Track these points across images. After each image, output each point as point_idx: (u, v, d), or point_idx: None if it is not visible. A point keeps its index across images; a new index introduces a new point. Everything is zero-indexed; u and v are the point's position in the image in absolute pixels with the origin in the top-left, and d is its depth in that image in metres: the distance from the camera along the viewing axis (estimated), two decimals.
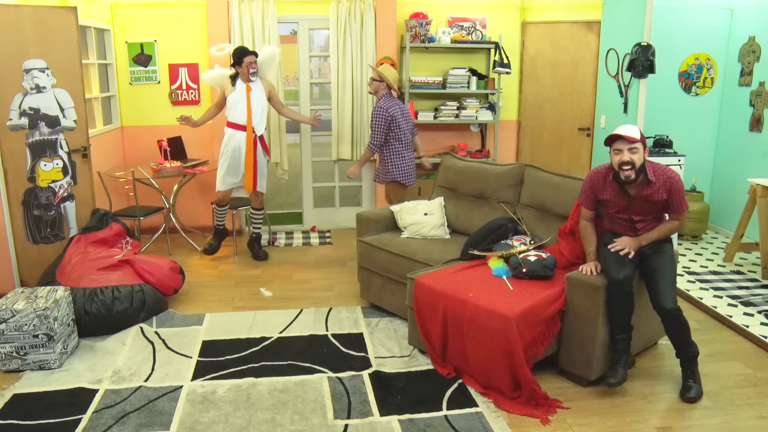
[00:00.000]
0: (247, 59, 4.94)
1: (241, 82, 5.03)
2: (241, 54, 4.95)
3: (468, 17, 6.18)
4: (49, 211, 4.48)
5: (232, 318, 4.14)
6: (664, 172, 3.15)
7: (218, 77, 5.23)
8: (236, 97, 5.01)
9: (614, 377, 3.07)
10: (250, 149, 5.06)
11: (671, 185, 3.13)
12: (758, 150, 5.73)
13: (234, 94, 5.02)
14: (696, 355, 3.18)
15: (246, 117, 5.01)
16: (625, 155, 3.06)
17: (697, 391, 3.11)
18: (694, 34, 6.06)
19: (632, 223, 3.27)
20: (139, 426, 2.87)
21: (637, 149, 3.06)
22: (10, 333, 3.34)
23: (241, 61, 4.95)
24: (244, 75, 5.00)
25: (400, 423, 2.89)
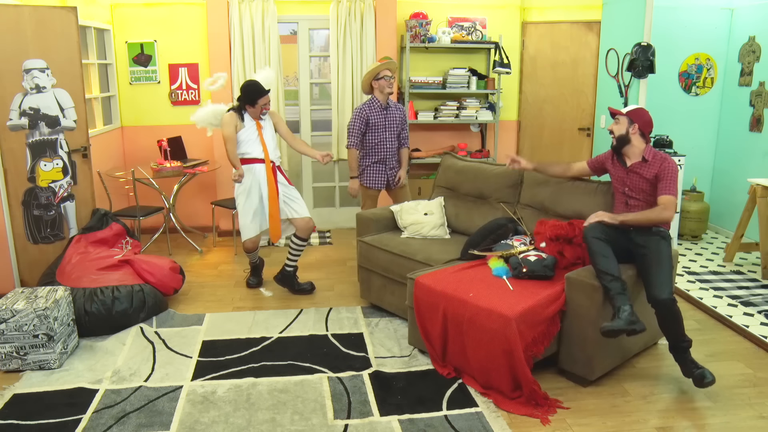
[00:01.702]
0: (262, 100, 4.34)
1: (250, 118, 4.42)
2: (255, 93, 4.32)
3: (468, 17, 6.18)
4: (49, 211, 4.48)
5: (232, 318, 4.14)
6: (661, 155, 3.31)
7: (213, 115, 4.67)
8: (246, 135, 4.39)
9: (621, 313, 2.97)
10: (272, 189, 4.40)
11: (662, 165, 3.27)
12: (758, 150, 5.73)
13: (244, 131, 4.38)
14: (689, 344, 3.17)
15: (262, 151, 4.40)
16: (611, 125, 3.44)
17: (710, 374, 3.07)
18: (694, 34, 6.06)
19: (626, 198, 3.42)
20: (139, 426, 2.87)
21: (618, 120, 3.38)
22: (10, 333, 3.34)
23: (256, 102, 4.33)
24: (255, 114, 4.40)
25: (400, 423, 2.89)
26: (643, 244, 3.21)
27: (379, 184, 4.90)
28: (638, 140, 3.35)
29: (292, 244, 4.60)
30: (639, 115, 3.35)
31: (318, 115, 6.69)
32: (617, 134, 3.38)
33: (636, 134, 3.34)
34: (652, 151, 3.34)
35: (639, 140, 3.35)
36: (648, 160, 3.32)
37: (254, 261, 4.75)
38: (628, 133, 3.34)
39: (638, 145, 3.35)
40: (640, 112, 3.36)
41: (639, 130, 3.33)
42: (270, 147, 4.44)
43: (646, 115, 3.37)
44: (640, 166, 3.35)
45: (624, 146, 3.38)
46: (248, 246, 4.54)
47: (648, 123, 3.36)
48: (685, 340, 3.16)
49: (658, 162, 3.30)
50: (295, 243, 4.59)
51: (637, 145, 3.35)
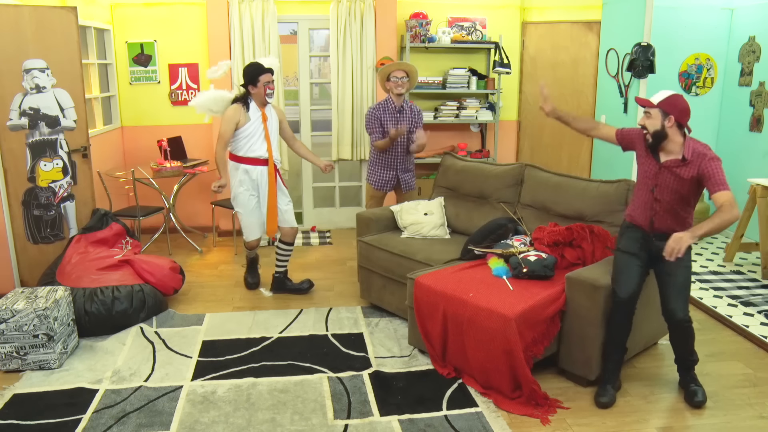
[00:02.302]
0: (263, 77, 4.10)
1: (256, 109, 4.18)
2: (255, 71, 4.10)
3: (468, 17, 6.18)
4: (49, 211, 4.48)
5: (232, 318, 4.14)
6: (700, 152, 2.88)
7: (213, 101, 4.32)
8: (252, 129, 4.15)
9: (605, 396, 3.06)
10: (272, 186, 4.30)
11: (703, 163, 2.83)
12: (758, 150, 5.73)
13: (249, 125, 4.14)
14: (695, 362, 3.16)
15: (266, 149, 4.23)
16: (642, 118, 2.99)
17: (703, 394, 3.09)
18: (694, 34, 6.06)
19: (652, 196, 3.02)
20: (139, 426, 2.87)
21: (650, 114, 2.93)
22: (10, 333, 3.34)
23: (257, 80, 4.09)
24: (259, 98, 4.17)
25: (400, 423, 2.89)
26: (669, 272, 3.00)
27: (387, 187, 4.86)
28: (676, 133, 2.90)
29: (279, 250, 4.57)
30: (673, 104, 2.89)
31: (318, 115, 6.69)
32: (651, 130, 2.93)
33: (673, 127, 2.89)
34: (691, 147, 2.89)
35: (677, 133, 2.90)
36: (688, 159, 2.87)
37: (252, 256, 4.71)
38: (664, 128, 2.89)
39: (676, 139, 2.90)
40: (673, 100, 2.90)
41: (676, 122, 2.88)
42: (274, 145, 4.30)
43: (681, 101, 2.90)
44: (676, 164, 2.92)
45: (661, 142, 2.94)
46: (252, 244, 4.55)
47: (685, 111, 2.90)
48: (693, 357, 3.14)
49: (698, 160, 2.86)
50: (282, 248, 4.56)
51: (675, 139, 2.90)
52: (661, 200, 3.00)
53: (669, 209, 2.99)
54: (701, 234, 2.74)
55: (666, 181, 2.97)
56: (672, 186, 2.95)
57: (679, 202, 2.97)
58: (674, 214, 3.00)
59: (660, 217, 3.03)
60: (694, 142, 2.92)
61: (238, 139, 4.19)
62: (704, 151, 2.88)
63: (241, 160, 4.25)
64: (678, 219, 3.01)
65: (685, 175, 2.90)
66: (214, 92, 4.40)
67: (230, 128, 4.13)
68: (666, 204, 2.99)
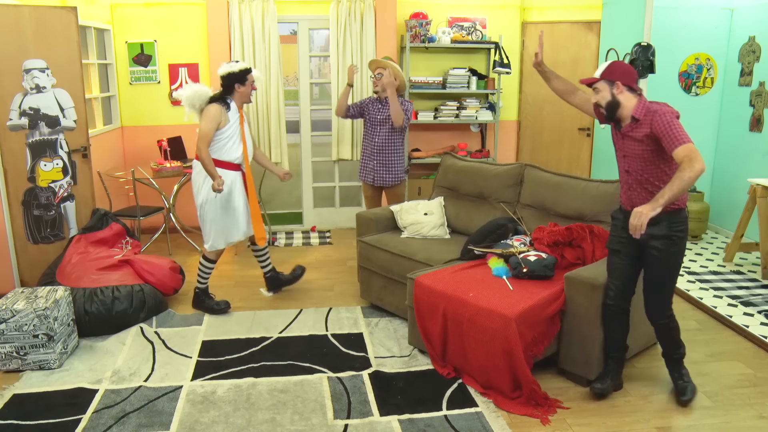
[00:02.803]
0: (251, 75, 4.04)
1: (236, 110, 4.04)
2: (245, 70, 4.02)
3: (468, 17, 6.18)
4: (49, 211, 4.48)
5: (232, 318, 4.14)
6: (651, 109, 2.77)
7: (197, 96, 4.04)
8: (231, 131, 4.00)
9: (601, 383, 3.09)
10: (252, 191, 4.18)
11: (654, 120, 2.72)
12: (758, 150, 5.72)
13: (229, 126, 3.98)
14: (683, 356, 3.14)
15: (242, 155, 4.08)
16: (592, 97, 2.93)
17: (692, 389, 3.09)
18: (694, 34, 6.06)
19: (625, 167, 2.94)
20: (139, 426, 2.87)
21: (598, 89, 2.86)
22: (10, 333, 3.34)
23: (245, 78, 4.01)
24: (244, 97, 4.06)
25: (400, 423, 2.89)
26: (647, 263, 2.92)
27: (366, 176, 4.92)
28: (628, 98, 2.82)
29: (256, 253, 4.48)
30: (615, 71, 2.83)
31: (318, 115, 6.70)
32: (604, 103, 2.85)
33: (623, 92, 2.82)
34: (642, 107, 2.79)
35: (628, 97, 2.82)
36: (639, 119, 2.79)
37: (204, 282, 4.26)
38: (614, 97, 2.82)
39: (629, 104, 2.82)
40: (613, 67, 2.84)
41: (624, 86, 2.81)
42: (249, 149, 4.14)
43: (621, 65, 2.85)
44: (631, 127, 2.84)
45: (616, 112, 2.84)
46: (214, 256, 4.25)
47: (628, 73, 2.83)
48: (679, 351, 3.12)
49: (648, 117, 2.75)
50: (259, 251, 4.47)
51: (628, 105, 2.82)
52: (630, 171, 2.90)
53: (641, 180, 2.86)
54: (663, 202, 2.60)
55: (629, 148, 2.87)
56: (634, 152, 2.84)
57: (647, 169, 2.83)
58: (648, 185, 2.85)
59: (635, 192, 2.91)
60: (650, 102, 2.80)
61: (215, 140, 3.96)
62: (656, 107, 2.75)
63: (221, 165, 4.00)
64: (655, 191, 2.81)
65: (638, 136, 2.79)
66: (198, 86, 4.13)
67: (213, 127, 3.92)
68: (636, 174, 2.87)
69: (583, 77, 6.36)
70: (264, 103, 5.92)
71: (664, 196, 2.60)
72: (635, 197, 2.91)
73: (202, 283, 4.27)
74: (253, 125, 5.99)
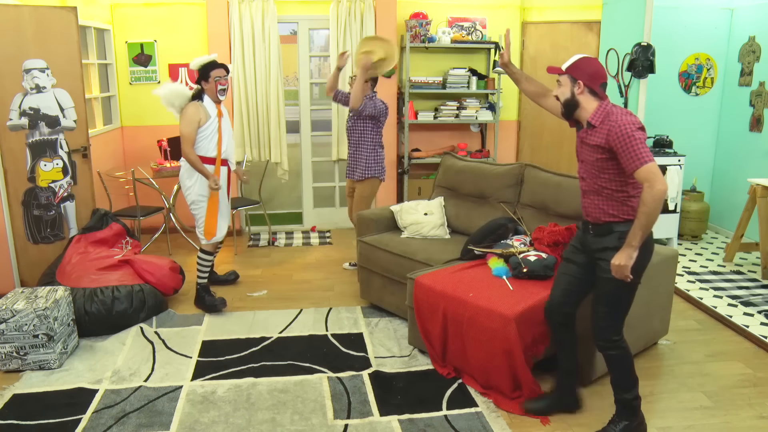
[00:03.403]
0: (214, 72, 4.02)
1: (213, 106, 4.09)
2: (207, 66, 4.04)
3: (468, 17, 6.18)
4: (49, 211, 4.48)
5: (232, 318, 4.14)
6: (610, 117, 2.52)
7: (176, 94, 4.10)
8: (213, 127, 4.08)
9: (534, 402, 2.97)
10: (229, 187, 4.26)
11: (610, 133, 2.48)
12: (758, 150, 5.73)
13: (210, 123, 4.05)
14: (627, 403, 2.74)
15: (216, 147, 4.11)
16: (555, 89, 2.72)
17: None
18: (694, 34, 6.06)
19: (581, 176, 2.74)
20: (139, 426, 2.87)
21: (560, 82, 2.64)
22: (10, 333, 3.34)
23: (208, 75, 4.02)
24: (211, 94, 4.07)
25: (400, 423, 2.89)
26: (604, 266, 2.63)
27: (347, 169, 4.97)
28: (588, 100, 2.59)
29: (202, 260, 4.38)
30: (580, 68, 2.58)
31: (318, 115, 6.70)
32: (563, 99, 2.64)
33: (583, 93, 2.58)
34: (602, 113, 2.55)
35: (589, 100, 2.59)
36: (595, 125, 2.56)
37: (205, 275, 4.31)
38: (574, 96, 2.60)
39: (589, 107, 2.59)
40: (581, 63, 2.59)
41: (586, 87, 2.57)
42: (226, 144, 4.17)
43: (590, 64, 2.59)
44: (586, 133, 2.62)
45: (574, 112, 2.63)
46: (214, 247, 4.32)
47: (594, 75, 2.57)
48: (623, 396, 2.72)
49: (606, 126, 2.51)
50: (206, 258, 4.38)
51: (587, 107, 2.59)
52: (585, 177, 2.68)
53: (595, 188, 2.64)
54: (636, 244, 2.46)
55: (584, 153, 2.66)
56: (589, 158, 2.62)
57: (601, 177, 2.59)
58: (603, 192, 2.61)
59: (589, 199, 2.68)
60: (614, 108, 2.55)
61: (199, 138, 4.03)
62: (616, 117, 2.49)
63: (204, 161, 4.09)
64: (608, 201, 2.61)
65: (592, 142, 2.57)
66: (176, 85, 4.19)
67: (193, 128, 4.00)
68: (590, 181, 2.65)
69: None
70: (264, 103, 5.92)
71: (636, 236, 2.46)
72: (589, 206, 2.69)
73: (203, 278, 4.29)
74: (253, 125, 5.99)
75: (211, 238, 4.23)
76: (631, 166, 2.43)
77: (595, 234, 2.67)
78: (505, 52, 3.06)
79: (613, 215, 2.59)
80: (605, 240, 2.62)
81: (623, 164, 2.47)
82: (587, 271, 2.75)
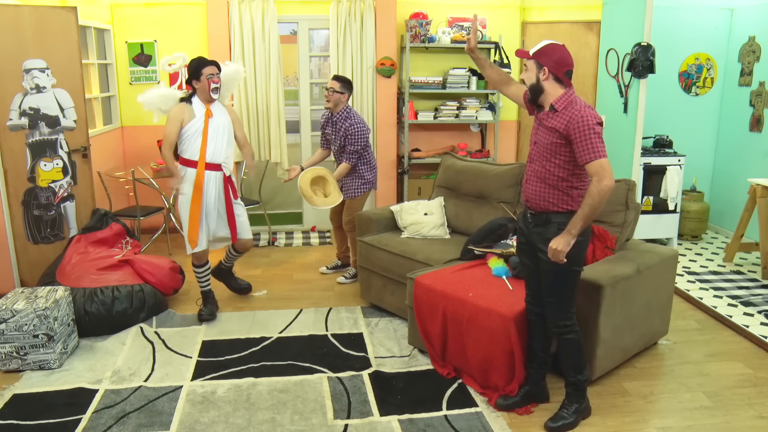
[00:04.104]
0: (206, 70, 3.84)
1: (200, 105, 3.89)
2: (198, 64, 3.87)
3: (468, 17, 6.18)
4: (49, 211, 4.48)
5: (232, 318, 4.14)
6: (574, 106, 2.56)
7: (163, 99, 3.99)
8: (197, 127, 3.86)
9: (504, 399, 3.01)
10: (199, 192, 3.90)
11: (570, 122, 2.52)
12: (758, 150, 5.72)
13: (194, 122, 3.85)
14: (578, 385, 2.86)
15: (200, 148, 3.87)
16: (522, 72, 2.75)
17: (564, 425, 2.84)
18: (694, 34, 6.06)
19: (531, 158, 2.76)
20: (139, 426, 2.87)
21: (527, 67, 2.66)
22: (10, 333, 3.34)
23: (199, 73, 3.84)
24: (203, 93, 3.88)
25: (400, 423, 2.89)
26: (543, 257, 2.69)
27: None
28: (552, 87, 2.61)
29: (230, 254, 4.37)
30: (547, 55, 2.60)
31: (318, 115, 6.67)
32: (528, 84, 2.68)
33: (548, 80, 2.61)
34: (567, 99, 2.59)
35: (553, 86, 2.61)
36: (557, 109, 2.59)
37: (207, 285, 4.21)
38: (539, 81, 2.62)
39: (553, 92, 2.62)
40: (547, 50, 2.61)
41: (551, 74, 2.60)
42: (217, 144, 3.90)
43: (557, 51, 2.60)
44: (547, 116, 2.64)
45: (539, 97, 2.66)
46: (198, 257, 4.07)
47: (560, 62, 2.59)
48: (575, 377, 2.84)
49: (568, 113, 2.55)
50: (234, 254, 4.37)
51: (552, 93, 2.62)
52: (534, 159, 2.71)
53: (541, 172, 2.67)
54: (576, 232, 2.53)
55: (540, 135, 2.68)
56: (543, 141, 2.65)
57: (550, 162, 2.63)
58: (548, 179, 2.65)
59: (532, 185, 2.71)
60: (578, 98, 2.60)
61: (183, 139, 3.89)
62: (578, 108, 2.55)
63: (188, 163, 3.91)
64: (551, 189, 2.65)
65: (550, 125, 2.60)
66: (164, 89, 4.05)
67: (175, 128, 3.86)
68: (537, 165, 2.68)
69: (583, 78, 6.40)
70: (264, 103, 5.92)
71: (576, 225, 2.53)
72: (531, 192, 2.72)
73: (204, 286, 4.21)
74: (252, 125, 5.99)
75: (194, 247, 3.96)
76: (584, 158, 2.49)
77: (534, 224, 2.74)
78: (471, 38, 2.99)
79: (552, 203, 2.66)
80: (545, 231, 2.68)
81: (577, 154, 2.52)
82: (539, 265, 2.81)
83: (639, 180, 5.49)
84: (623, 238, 3.57)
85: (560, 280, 2.72)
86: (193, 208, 3.90)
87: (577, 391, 2.88)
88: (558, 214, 2.66)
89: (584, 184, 2.63)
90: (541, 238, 2.70)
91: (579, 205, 2.59)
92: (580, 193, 2.64)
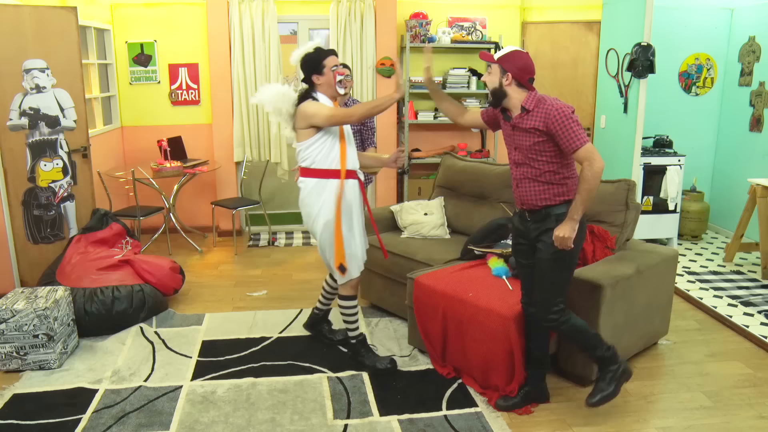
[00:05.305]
0: (328, 61, 3.19)
1: (329, 103, 3.24)
2: (317, 56, 3.19)
3: (468, 17, 6.18)
4: (49, 211, 4.48)
5: (232, 318, 4.14)
6: (546, 103, 2.65)
7: (282, 97, 3.26)
8: (335, 128, 3.24)
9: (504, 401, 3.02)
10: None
11: (547, 113, 2.61)
12: (758, 150, 5.72)
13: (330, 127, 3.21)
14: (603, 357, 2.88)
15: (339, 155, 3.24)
16: (484, 75, 2.81)
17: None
18: (694, 34, 6.06)
19: (515, 163, 2.81)
20: (139, 426, 2.87)
21: (490, 71, 2.74)
22: (10, 333, 3.34)
23: (321, 66, 3.18)
24: (329, 87, 3.23)
25: (400, 423, 2.89)
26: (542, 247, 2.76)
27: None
28: (515, 91, 2.70)
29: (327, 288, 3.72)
30: (511, 61, 2.68)
31: None
32: (490, 87, 2.75)
33: (511, 85, 2.69)
34: (534, 99, 2.68)
35: (516, 91, 2.70)
36: (529, 110, 2.67)
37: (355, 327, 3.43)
38: (501, 86, 2.71)
39: (517, 96, 2.71)
40: (512, 56, 2.70)
41: (514, 80, 2.68)
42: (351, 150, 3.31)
43: (521, 58, 2.69)
44: (520, 118, 2.71)
45: (501, 101, 2.75)
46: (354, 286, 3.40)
47: (524, 69, 2.68)
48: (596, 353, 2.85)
49: (542, 109, 2.64)
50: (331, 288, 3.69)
51: (516, 96, 2.71)
52: (520, 163, 2.78)
53: (529, 173, 2.74)
54: (578, 217, 2.63)
55: (519, 139, 2.74)
56: (525, 144, 2.72)
57: (538, 161, 2.70)
58: (538, 179, 2.72)
59: (525, 187, 2.77)
60: (544, 95, 2.70)
61: (321, 145, 3.21)
62: (549, 102, 2.64)
63: (325, 174, 3.22)
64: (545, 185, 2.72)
65: (527, 126, 2.68)
66: (279, 87, 3.31)
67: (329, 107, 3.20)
68: (525, 167, 2.75)
69: (583, 78, 6.40)
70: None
71: (578, 211, 2.63)
72: (524, 193, 2.78)
73: (352, 329, 3.43)
74: (253, 125, 5.99)
75: (344, 275, 3.29)
76: (571, 147, 2.60)
77: (534, 220, 2.80)
78: (428, 67, 3.14)
79: (547, 199, 2.73)
80: (544, 224, 2.75)
81: (563, 146, 2.62)
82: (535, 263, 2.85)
83: (639, 180, 5.49)
84: (623, 238, 3.57)
85: (555, 267, 2.75)
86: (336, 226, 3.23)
87: (604, 361, 2.87)
88: (555, 207, 2.74)
89: (574, 171, 2.74)
90: (542, 230, 2.77)
91: (574, 193, 2.69)
92: (574, 182, 2.73)
